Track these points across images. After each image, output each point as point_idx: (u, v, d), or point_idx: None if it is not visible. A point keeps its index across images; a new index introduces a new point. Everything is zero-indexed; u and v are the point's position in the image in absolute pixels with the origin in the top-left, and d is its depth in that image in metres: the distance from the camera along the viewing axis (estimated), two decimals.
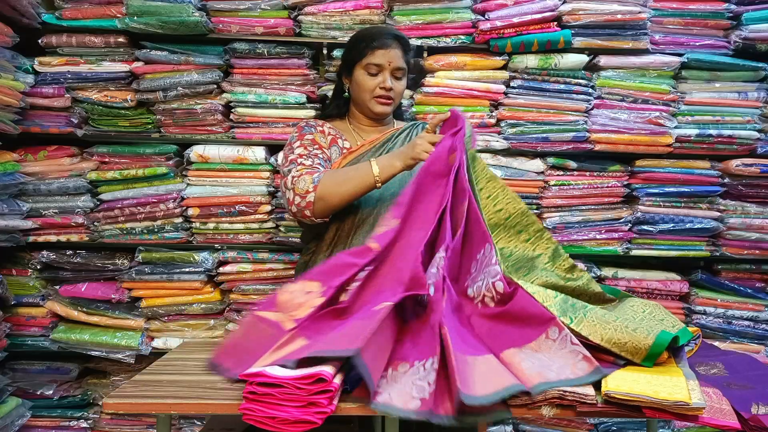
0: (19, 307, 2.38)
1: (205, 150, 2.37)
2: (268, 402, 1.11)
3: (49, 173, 2.37)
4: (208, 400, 1.18)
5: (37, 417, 2.41)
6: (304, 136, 1.83)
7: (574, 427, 2.52)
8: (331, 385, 1.10)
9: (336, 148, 1.84)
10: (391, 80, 1.82)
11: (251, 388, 1.12)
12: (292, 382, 1.10)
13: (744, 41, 2.38)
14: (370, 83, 1.82)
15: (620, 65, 2.40)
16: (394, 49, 1.81)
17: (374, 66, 1.80)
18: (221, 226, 2.41)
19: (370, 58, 1.80)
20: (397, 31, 1.87)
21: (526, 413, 1.16)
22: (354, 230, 1.76)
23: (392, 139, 1.87)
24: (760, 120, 2.46)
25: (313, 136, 1.83)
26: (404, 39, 1.86)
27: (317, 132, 1.85)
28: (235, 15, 2.36)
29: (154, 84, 2.34)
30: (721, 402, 1.16)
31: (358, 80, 1.83)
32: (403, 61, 1.83)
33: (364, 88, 1.83)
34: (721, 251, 2.48)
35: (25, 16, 2.24)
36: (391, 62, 1.80)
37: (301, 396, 1.10)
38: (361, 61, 1.81)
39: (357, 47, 1.84)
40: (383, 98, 1.83)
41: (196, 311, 2.42)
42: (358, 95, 1.86)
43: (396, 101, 1.87)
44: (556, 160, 2.44)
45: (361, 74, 1.82)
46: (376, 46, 1.79)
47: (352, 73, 1.85)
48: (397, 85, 1.84)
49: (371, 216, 1.75)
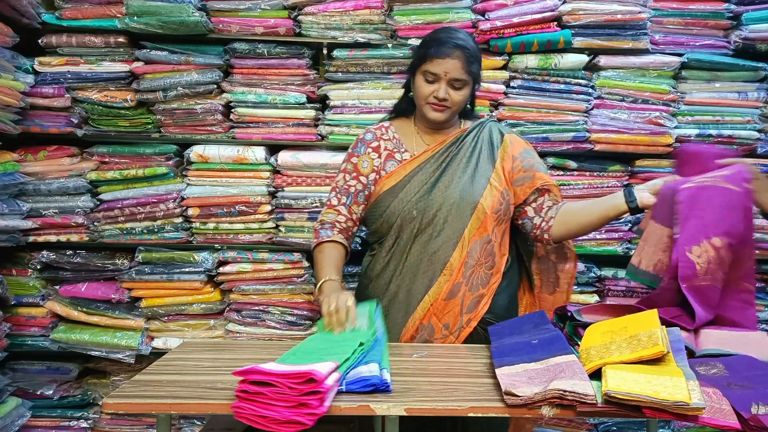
0: (19, 307, 2.38)
1: (205, 150, 2.37)
2: (259, 401, 1.10)
3: (49, 173, 2.37)
4: (208, 400, 1.18)
5: (37, 417, 2.41)
6: (350, 159, 1.87)
7: (574, 427, 2.52)
8: (321, 386, 1.10)
9: (393, 162, 1.84)
10: (446, 90, 1.76)
11: (243, 386, 1.12)
12: (283, 381, 1.10)
13: (744, 41, 2.38)
14: (425, 90, 1.78)
15: (620, 65, 2.40)
16: (453, 60, 1.74)
17: (431, 74, 1.76)
18: (221, 226, 2.41)
19: (428, 65, 1.76)
20: (463, 41, 1.78)
21: (526, 413, 1.16)
22: (412, 240, 1.78)
23: (457, 143, 1.83)
24: (760, 120, 2.46)
25: (358, 160, 1.85)
26: (469, 49, 1.76)
27: (364, 155, 1.86)
28: (235, 15, 2.36)
29: (154, 84, 2.34)
30: (721, 402, 1.16)
31: (416, 85, 1.80)
32: (465, 72, 1.76)
33: (419, 94, 1.80)
34: None
35: (25, 16, 2.24)
36: (447, 73, 1.75)
37: (292, 396, 1.09)
38: (420, 66, 1.78)
39: (420, 51, 1.81)
40: (436, 105, 1.78)
41: (196, 311, 2.42)
42: (416, 99, 1.84)
43: (453, 109, 1.80)
44: (556, 160, 2.44)
45: (420, 79, 1.79)
46: (434, 54, 1.75)
47: (415, 75, 1.82)
48: (455, 95, 1.77)
49: (430, 227, 1.77)
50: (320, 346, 1.39)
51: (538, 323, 1.58)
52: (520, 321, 1.68)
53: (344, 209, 1.84)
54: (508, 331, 1.59)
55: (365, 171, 1.84)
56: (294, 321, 2.42)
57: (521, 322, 1.64)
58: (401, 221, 1.78)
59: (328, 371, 1.14)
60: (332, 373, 1.16)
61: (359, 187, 1.84)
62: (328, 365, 1.16)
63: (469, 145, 1.83)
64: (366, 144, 1.87)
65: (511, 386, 1.18)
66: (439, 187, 1.78)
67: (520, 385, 1.19)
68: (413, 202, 1.77)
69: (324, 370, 1.13)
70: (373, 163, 1.85)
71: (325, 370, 1.13)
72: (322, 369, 1.13)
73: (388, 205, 1.80)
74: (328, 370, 1.14)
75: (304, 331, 2.41)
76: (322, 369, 1.13)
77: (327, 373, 1.13)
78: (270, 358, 1.27)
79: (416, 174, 1.80)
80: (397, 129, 1.91)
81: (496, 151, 1.84)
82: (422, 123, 1.89)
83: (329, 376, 1.14)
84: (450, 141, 1.84)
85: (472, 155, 1.82)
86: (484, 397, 1.21)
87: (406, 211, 1.77)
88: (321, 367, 1.14)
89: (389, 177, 1.82)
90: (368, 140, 1.88)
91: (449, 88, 1.77)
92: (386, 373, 1.25)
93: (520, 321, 1.68)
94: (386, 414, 1.17)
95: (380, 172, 1.84)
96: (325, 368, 1.14)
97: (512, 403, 1.15)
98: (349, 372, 1.25)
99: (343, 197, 1.85)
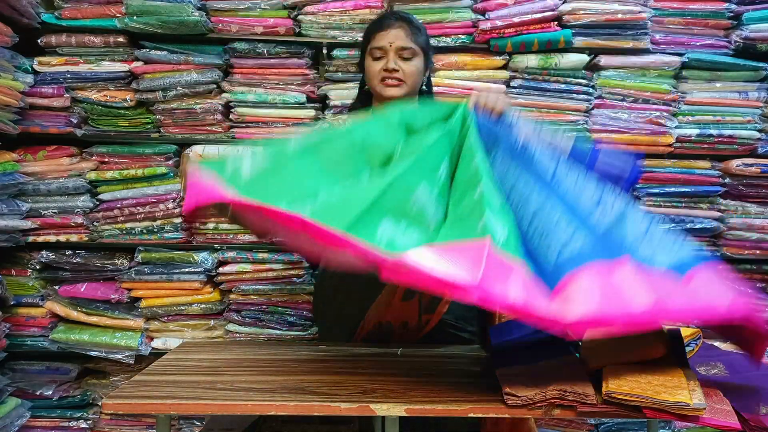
0: (18, 308, 2.38)
1: (204, 150, 2.37)
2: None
3: (49, 173, 2.36)
4: (208, 400, 1.17)
5: (37, 417, 2.40)
6: None
7: (575, 427, 2.51)
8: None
9: None
10: (396, 61, 1.72)
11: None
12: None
13: (745, 41, 2.38)
14: (375, 67, 1.74)
15: (621, 65, 2.40)
16: (396, 30, 1.72)
17: (377, 50, 1.73)
18: (221, 226, 2.41)
19: (372, 42, 1.74)
20: (405, 14, 1.78)
21: (527, 413, 1.16)
22: None
23: None
24: (761, 120, 2.45)
25: None
26: (408, 18, 1.76)
27: None
28: (235, 15, 2.35)
29: (153, 84, 2.33)
30: (721, 402, 1.16)
31: (366, 67, 1.77)
32: (410, 41, 1.73)
33: (371, 75, 1.76)
34: (722, 251, 2.48)
35: (25, 16, 2.24)
36: (392, 42, 1.71)
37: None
38: (367, 48, 1.77)
39: (364, 35, 1.80)
40: (390, 80, 1.73)
41: (196, 311, 2.42)
42: (369, 83, 1.79)
43: (408, 83, 1.73)
44: None
45: (368, 60, 1.76)
46: (376, 29, 1.74)
47: (364, 61, 1.79)
48: (405, 65, 1.72)
49: None
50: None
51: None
52: (521, 321, 1.67)
53: None
54: (508, 331, 1.59)
55: None
56: (294, 321, 2.41)
57: (522, 322, 1.63)
58: None
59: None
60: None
61: None
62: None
63: None
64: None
65: (511, 386, 1.18)
66: None
67: (520, 385, 1.19)
68: None
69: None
70: None
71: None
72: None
73: None
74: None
75: (304, 331, 2.41)
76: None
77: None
78: (270, 357, 1.26)
79: None
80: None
81: None
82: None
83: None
84: None
85: None
86: (484, 397, 1.21)
87: None
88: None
89: None
90: (324, 128, 1.85)
91: (398, 59, 1.73)
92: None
93: (521, 321, 1.67)
94: (386, 414, 1.17)
95: None
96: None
97: (512, 404, 1.15)
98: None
99: None
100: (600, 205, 1.27)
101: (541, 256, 1.16)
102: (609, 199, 1.28)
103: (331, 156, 1.30)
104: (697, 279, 1.15)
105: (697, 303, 1.12)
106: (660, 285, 1.12)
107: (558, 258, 1.14)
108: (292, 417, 1.19)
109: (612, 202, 1.28)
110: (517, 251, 1.13)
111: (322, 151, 1.32)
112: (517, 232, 1.19)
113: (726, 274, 1.21)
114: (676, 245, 1.22)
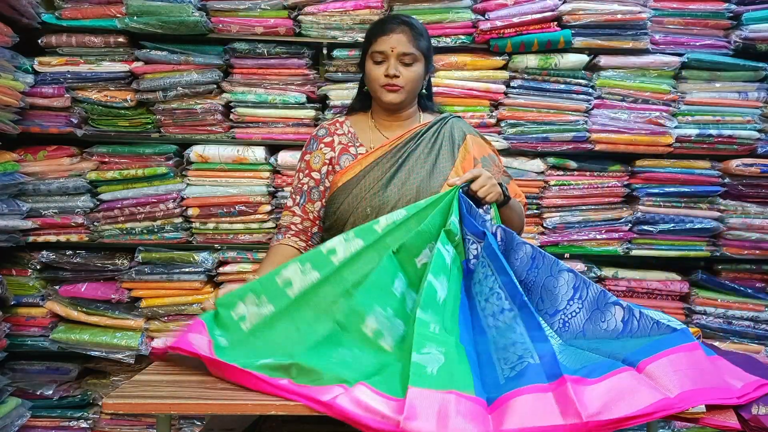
0: (18, 307, 2.38)
1: (204, 150, 2.37)
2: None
3: (49, 173, 2.36)
4: (208, 400, 1.17)
5: (37, 417, 2.41)
6: (304, 157, 1.80)
7: None
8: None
9: (347, 156, 1.76)
10: (397, 67, 1.70)
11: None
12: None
13: (744, 41, 2.38)
14: (376, 72, 1.72)
15: (620, 65, 2.40)
16: (398, 35, 1.70)
17: (378, 54, 1.71)
18: (221, 226, 2.41)
19: (374, 46, 1.72)
20: (407, 18, 1.75)
21: None
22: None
23: (416, 138, 1.75)
24: (761, 120, 2.46)
25: (310, 157, 1.78)
26: (411, 23, 1.72)
27: (316, 151, 1.79)
28: (235, 15, 2.36)
29: (153, 84, 2.34)
30: None
31: (367, 71, 1.75)
32: (412, 47, 1.69)
33: (371, 79, 1.74)
34: (722, 251, 2.48)
35: (25, 16, 2.24)
36: (394, 48, 1.69)
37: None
38: (368, 51, 1.75)
39: (366, 38, 1.78)
40: (389, 86, 1.71)
41: (196, 311, 2.41)
42: (369, 86, 1.78)
43: (407, 88, 1.72)
44: (556, 160, 2.44)
45: (369, 64, 1.74)
46: (378, 33, 1.72)
47: (365, 64, 1.77)
48: (405, 71, 1.71)
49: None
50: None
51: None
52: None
53: (299, 209, 1.77)
54: None
55: (316, 166, 1.78)
56: None
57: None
58: (354, 219, 1.69)
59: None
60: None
61: (312, 183, 1.77)
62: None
63: (429, 140, 1.75)
64: (318, 140, 1.81)
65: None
66: (396, 182, 1.70)
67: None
68: (367, 199, 1.70)
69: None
70: (324, 157, 1.78)
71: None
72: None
73: (341, 202, 1.72)
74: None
75: None
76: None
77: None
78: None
79: (372, 169, 1.72)
80: (353, 123, 1.84)
81: (456, 149, 1.76)
82: (380, 116, 1.82)
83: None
84: (409, 136, 1.75)
85: (432, 151, 1.74)
86: None
87: (360, 209, 1.70)
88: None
89: (344, 173, 1.74)
90: (321, 136, 1.82)
91: (399, 65, 1.71)
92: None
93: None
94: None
95: (334, 166, 1.77)
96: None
97: None
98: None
99: (298, 197, 1.78)
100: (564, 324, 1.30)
101: (492, 373, 1.16)
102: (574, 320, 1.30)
103: (319, 305, 1.36)
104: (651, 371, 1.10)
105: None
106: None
107: (504, 376, 1.13)
108: (292, 417, 1.19)
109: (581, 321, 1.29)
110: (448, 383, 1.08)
111: (309, 304, 1.37)
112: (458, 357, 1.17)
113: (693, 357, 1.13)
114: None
